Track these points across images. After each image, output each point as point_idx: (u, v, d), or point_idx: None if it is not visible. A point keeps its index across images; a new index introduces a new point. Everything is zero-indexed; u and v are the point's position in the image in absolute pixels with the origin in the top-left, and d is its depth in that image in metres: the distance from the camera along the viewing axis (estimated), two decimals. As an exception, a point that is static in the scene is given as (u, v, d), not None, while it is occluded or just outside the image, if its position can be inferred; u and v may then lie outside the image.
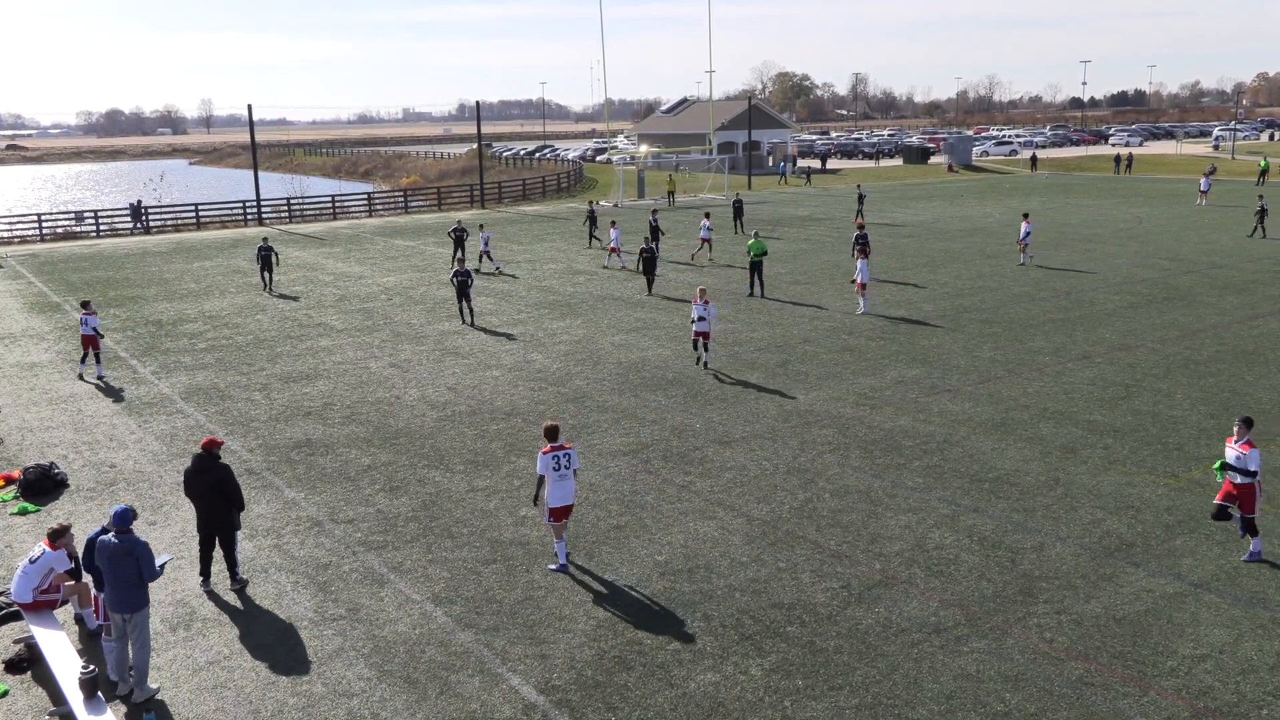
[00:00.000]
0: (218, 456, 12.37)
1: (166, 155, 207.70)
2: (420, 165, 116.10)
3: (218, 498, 12.27)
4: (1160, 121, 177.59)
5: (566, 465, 12.59)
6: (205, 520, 12.42)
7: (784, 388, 20.73)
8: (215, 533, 12.46)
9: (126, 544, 10.17)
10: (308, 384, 22.06)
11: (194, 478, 12.34)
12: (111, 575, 10.17)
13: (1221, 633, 11.08)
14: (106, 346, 26.03)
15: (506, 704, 10.12)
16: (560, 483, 12.58)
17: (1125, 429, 17.75)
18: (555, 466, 12.54)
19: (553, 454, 12.56)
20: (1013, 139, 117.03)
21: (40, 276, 39.30)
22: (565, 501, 12.65)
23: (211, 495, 12.26)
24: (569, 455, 12.63)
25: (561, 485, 12.59)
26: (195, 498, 12.46)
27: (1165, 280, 32.22)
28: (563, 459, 12.57)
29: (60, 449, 18.17)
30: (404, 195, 70.31)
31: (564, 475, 12.58)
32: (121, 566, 10.12)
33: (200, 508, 12.45)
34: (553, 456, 12.54)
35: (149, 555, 10.31)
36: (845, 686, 10.25)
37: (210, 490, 12.24)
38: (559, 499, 12.62)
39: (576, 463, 12.75)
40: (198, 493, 12.37)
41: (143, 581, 10.25)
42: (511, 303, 30.90)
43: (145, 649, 10.35)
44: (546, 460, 12.53)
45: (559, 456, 12.56)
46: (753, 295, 30.71)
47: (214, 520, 12.38)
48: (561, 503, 12.64)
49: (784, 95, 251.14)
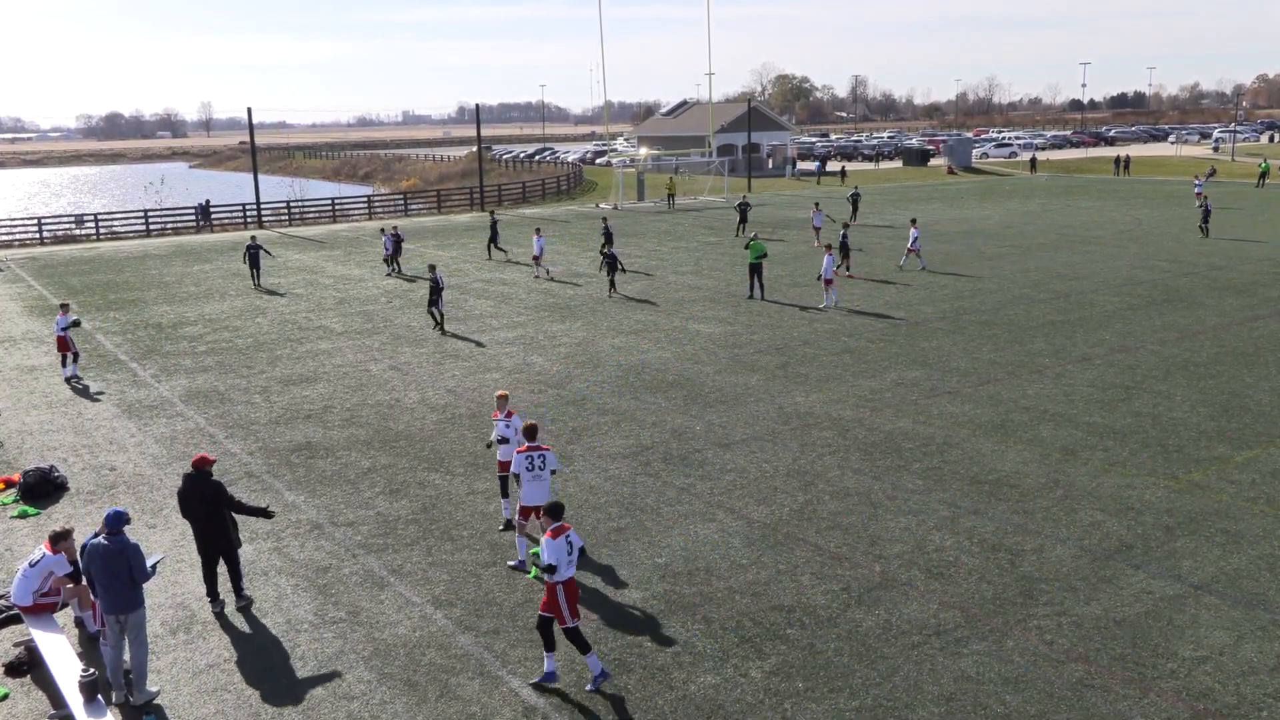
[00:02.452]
0: (209, 474, 11.96)
1: (166, 158, 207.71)
2: (420, 168, 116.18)
3: (214, 516, 11.87)
4: (1160, 123, 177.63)
5: (540, 465, 12.43)
6: (203, 540, 12.02)
7: (784, 390, 20.74)
8: (216, 551, 12.08)
9: (117, 545, 10.16)
10: (308, 387, 22.06)
11: (187, 497, 11.92)
12: (104, 577, 10.18)
13: (1222, 635, 11.07)
14: (107, 350, 26.06)
15: (506, 707, 10.12)
16: (534, 482, 12.44)
17: (1125, 431, 17.76)
18: (529, 466, 12.41)
19: (527, 454, 12.44)
20: (1012, 141, 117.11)
21: (40, 280, 39.31)
22: (536, 501, 12.42)
23: (207, 514, 11.85)
24: (544, 456, 12.47)
25: (535, 486, 12.45)
26: (190, 516, 12.03)
27: (1165, 282, 32.23)
28: (535, 460, 12.42)
29: (60, 452, 18.17)
30: (404, 198, 70.37)
31: (537, 476, 12.44)
32: (113, 568, 10.13)
33: (197, 527, 12.05)
34: (526, 456, 12.42)
35: (139, 555, 10.29)
36: (845, 689, 10.24)
37: (205, 509, 11.83)
38: (530, 498, 12.47)
39: (554, 464, 12.56)
40: (193, 512, 11.93)
41: (135, 583, 10.23)
42: (511, 305, 30.91)
43: (143, 650, 10.34)
44: (520, 459, 12.44)
45: (533, 457, 12.42)
46: (752, 297, 30.72)
47: (211, 538, 11.98)
48: (532, 502, 12.46)
49: (783, 97, 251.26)
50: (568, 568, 10.20)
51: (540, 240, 35.59)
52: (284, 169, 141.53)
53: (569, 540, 10.24)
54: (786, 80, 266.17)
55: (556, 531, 10.18)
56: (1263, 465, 16.00)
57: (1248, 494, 14.89)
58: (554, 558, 10.05)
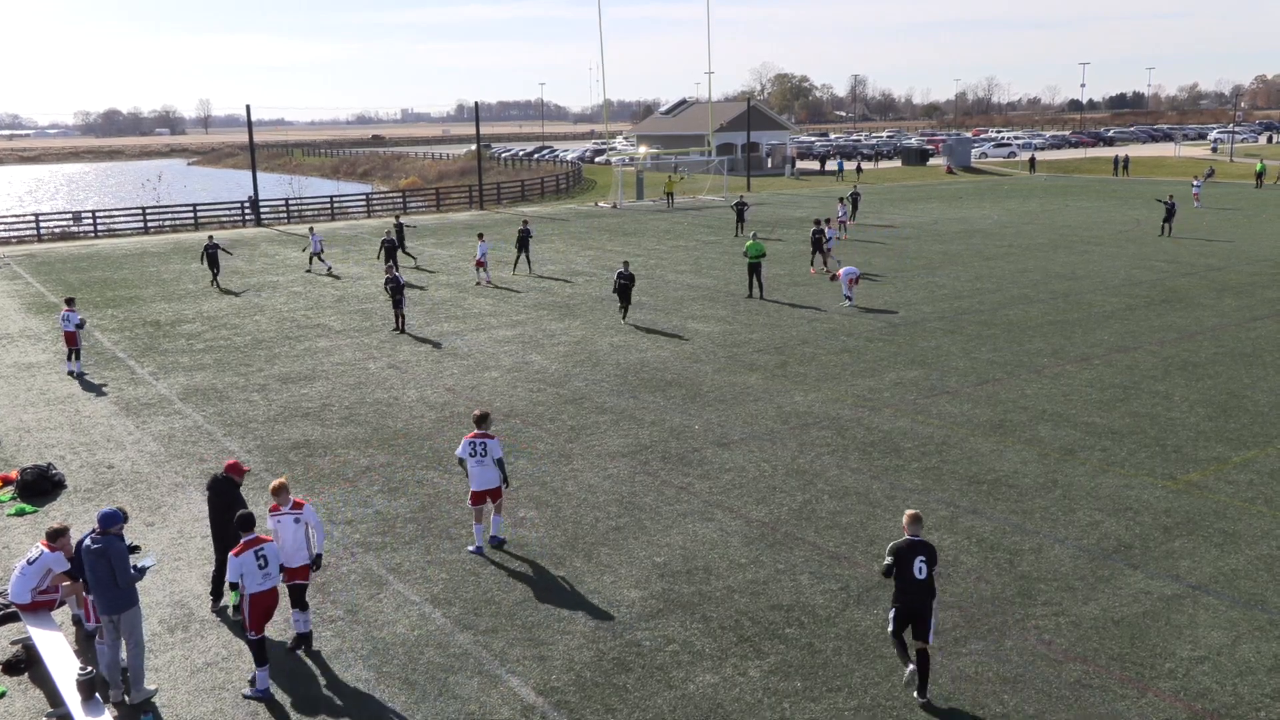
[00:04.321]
0: (238, 485, 11.91)
1: (164, 155, 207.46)
2: (419, 166, 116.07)
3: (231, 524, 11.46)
4: (1159, 124, 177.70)
5: (484, 453, 13.20)
6: (220, 543, 11.90)
7: (783, 389, 20.74)
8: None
9: (103, 545, 10.13)
10: (306, 385, 22.04)
11: (216, 502, 11.85)
12: (93, 577, 10.18)
13: (1219, 635, 11.08)
14: (105, 347, 26.03)
15: (505, 705, 10.11)
16: (478, 468, 13.22)
17: (1123, 431, 17.77)
18: (473, 453, 13.22)
19: (472, 440, 13.25)
20: (1011, 141, 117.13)
21: (38, 277, 39.26)
22: (484, 486, 13.26)
23: (225, 521, 11.54)
24: (486, 444, 13.22)
25: (481, 471, 13.22)
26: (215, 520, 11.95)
27: (1163, 282, 32.25)
28: (479, 446, 13.20)
29: (58, 450, 18.15)
30: (403, 196, 70.31)
31: (481, 461, 13.21)
32: (99, 568, 10.11)
33: (216, 530, 12.02)
34: (469, 443, 13.26)
35: (122, 557, 10.17)
36: (844, 688, 10.25)
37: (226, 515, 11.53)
38: (478, 483, 13.26)
39: (497, 453, 13.27)
40: (219, 516, 11.79)
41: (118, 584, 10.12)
42: (510, 304, 30.90)
43: (139, 649, 10.30)
44: (466, 445, 13.27)
45: (476, 444, 13.22)
46: (751, 297, 30.72)
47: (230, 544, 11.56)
48: (481, 487, 13.27)
49: (783, 97, 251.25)
50: (262, 580, 10.28)
51: (484, 246, 34.45)
52: (283, 166, 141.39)
53: (258, 554, 10.22)
54: (786, 79, 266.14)
55: (243, 547, 10.24)
56: (1261, 466, 16.02)
57: (1245, 494, 14.90)
58: (234, 575, 10.22)
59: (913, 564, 9.85)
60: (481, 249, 34.40)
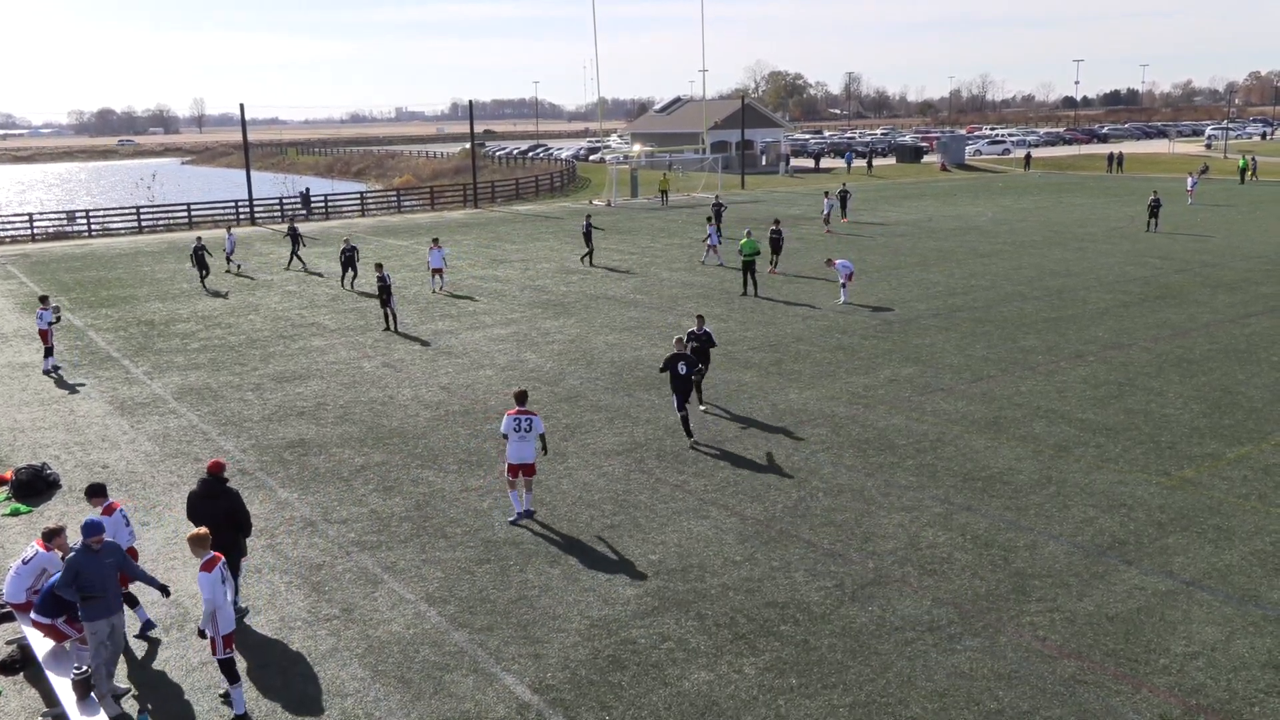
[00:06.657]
0: (225, 480, 11.78)
1: (158, 154, 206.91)
2: (413, 165, 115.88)
3: (226, 525, 11.57)
4: (1153, 120, 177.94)
5: (528, 428, 14.00)
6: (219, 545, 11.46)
7: (777, 386, 20.75)
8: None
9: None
10: (301, 384, 22.02)
11: (201, 503, 11.63)
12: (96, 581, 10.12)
13: (1213, 630, 11.12)
14: (99, 346, 25.99)
15: (500, 703, 10.12)
16: (519, 443, 13.98)
17: (1117, 427, 17.80)
18: (516, 428, 13.99)
19: (515, 416, 14.05)
20: (1005, 138, 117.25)
21: (32, 276, 39.17)
22: (521, 460, 14.06)
23: (220, 522, 11.50)
24: (531, 420, 14.04)
25: (520, 445, 13.97)
26: (199, 522, 11.55)
27: (1157, 279, 32.31)
28: (523, 422, 14.00)
29: (52, 449, 18.12)
30: (397, 195, 70.22)
31: (524, 437, 14.00)
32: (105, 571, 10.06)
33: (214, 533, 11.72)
34: (513, 419, 14.03)
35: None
36: (839, 685, 10.27)
37: (220, 517, 11.53)
38: (516, 456, 14.04)
39: (540, 428, 14.12)
40: (206, 519, 11.47)
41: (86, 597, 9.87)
42: (505, 302, 30.88)
43: (96, 657, 9.96)
44: (509, 421, 14.04)
45: (521, 420, 14.01)
46: (745, 295, 30.73)
47: (221, 547, 11.47)
48: (518, 460, 14.06)
49: (777, 94, 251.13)
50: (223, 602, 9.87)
51: (440, 252, 32.54)
52: (277, 165, 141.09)
53: (222, 569, 9.97)
54: (780, 77, 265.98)
55: (209, 564, 9.85)
56: (1254, 462, 16.06)
57: (1239, 490, 14.94)
58: (209, 592, 9.78)
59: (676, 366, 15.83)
60: (437, 256, 32.55)
